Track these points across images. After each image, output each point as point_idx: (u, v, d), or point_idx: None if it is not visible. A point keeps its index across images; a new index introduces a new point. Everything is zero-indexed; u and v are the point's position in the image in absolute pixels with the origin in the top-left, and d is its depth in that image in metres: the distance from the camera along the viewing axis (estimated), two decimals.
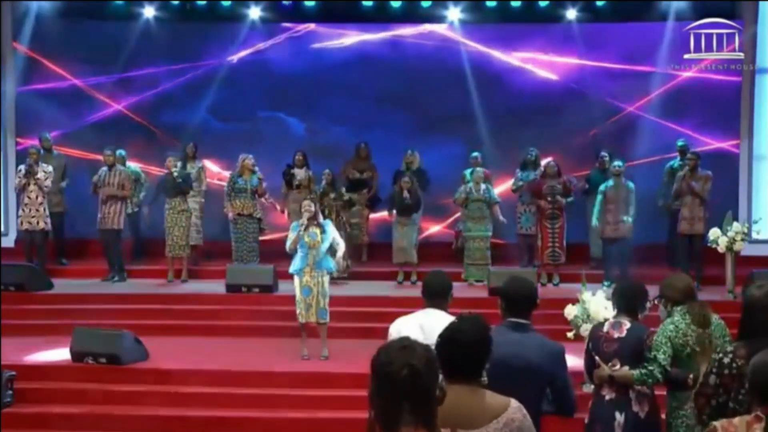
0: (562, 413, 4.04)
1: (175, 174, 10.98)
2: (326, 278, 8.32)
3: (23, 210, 10.91)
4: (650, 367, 4.73)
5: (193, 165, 11.83)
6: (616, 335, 4.86)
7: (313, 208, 8.28)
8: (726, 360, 3.60)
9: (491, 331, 3.21)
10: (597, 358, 4.88)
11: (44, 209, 10.96)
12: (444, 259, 11.34)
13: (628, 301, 5.00)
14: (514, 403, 3.10)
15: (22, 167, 11.00)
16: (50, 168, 11.00)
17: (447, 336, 3.13)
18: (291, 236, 8.32)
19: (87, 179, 11.40)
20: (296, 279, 8.36)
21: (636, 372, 4.75)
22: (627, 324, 4.88)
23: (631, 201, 10.64)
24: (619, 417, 4.79)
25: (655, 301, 5.10)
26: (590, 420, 4.97)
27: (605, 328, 4.94)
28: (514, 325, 4.03)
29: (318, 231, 8.23)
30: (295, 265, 8.36)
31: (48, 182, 10.88)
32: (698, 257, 10.55)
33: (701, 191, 10.44)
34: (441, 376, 2.64)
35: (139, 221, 11.89)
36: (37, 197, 10.89)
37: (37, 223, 10.94)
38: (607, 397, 4.86)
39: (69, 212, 11.93)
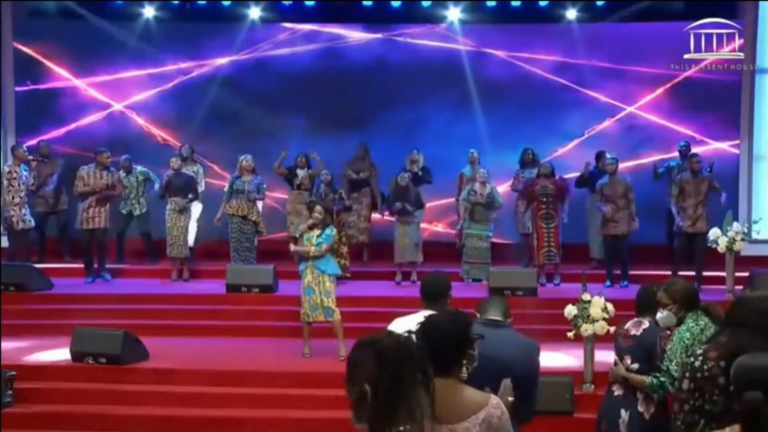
0: (517, 416, 3.60)
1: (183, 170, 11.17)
2: (326, 278, 8.36)
3: (13, 210, 10.81)
4: (662, 379, 4.66)
5: (188, 168, 11.69)
6: (632, 332, 4.96)
7: (321, 216, 8.38)
8: (697, 363, 3.64)
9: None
10: (615, 355, 5.01)
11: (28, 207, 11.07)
12: (446, 258, 11.32)
13: (640, 303, 5.08)
14: (493, 399, 3.11)
15: (16, 168, 10.97)
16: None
17: (423, 330, 3.12)
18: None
19: None
20: (301, 280, 8.46)
21: (648, 380, 4.76)
22: (645, 324, 4.95)
23: (631, 197, 10.63)
24: (624, 415, 4.86)
25: (664, 309, 4.89)
26: (598, 416, 5.06)
27: (626, 325, 5.06)
28: (489, 322, 4.12)
29: (314, 235, 8.34)
30: (300, 266, 8.53)
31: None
32: (700, 256, 10.55)
33: (707, 191, 10.48)
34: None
35: (149, 221, 11.85)
36: (27, 195, 10.95)
37: (31, 221, 11.00)
38: (616, 393, 4.95)
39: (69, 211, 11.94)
